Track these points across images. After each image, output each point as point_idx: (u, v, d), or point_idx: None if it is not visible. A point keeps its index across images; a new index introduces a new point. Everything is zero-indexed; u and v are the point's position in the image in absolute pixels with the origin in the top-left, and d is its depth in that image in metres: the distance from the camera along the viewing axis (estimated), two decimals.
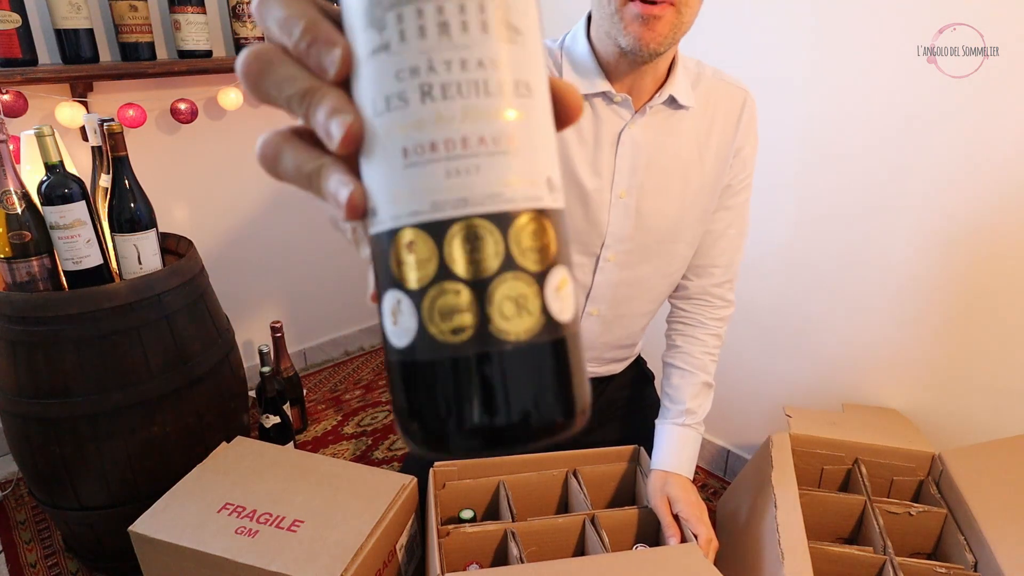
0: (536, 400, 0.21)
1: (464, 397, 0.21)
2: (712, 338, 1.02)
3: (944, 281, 1.27)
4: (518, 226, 0.21)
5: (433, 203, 0.21)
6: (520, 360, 0.21)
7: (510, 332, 0.21)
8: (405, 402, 0.23)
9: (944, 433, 1.32)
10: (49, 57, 1.50)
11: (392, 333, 0.22)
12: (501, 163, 0.21)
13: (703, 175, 0.90)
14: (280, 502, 1.04)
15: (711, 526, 0.92)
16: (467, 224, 0.21)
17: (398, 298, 0.22)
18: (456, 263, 0.21)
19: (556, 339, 0.22)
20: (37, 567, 1.45)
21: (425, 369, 0.22)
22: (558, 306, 0.22)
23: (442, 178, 0.21)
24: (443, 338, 0.21)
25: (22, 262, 1.16)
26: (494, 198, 0.21)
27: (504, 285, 0.21)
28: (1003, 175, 1.15)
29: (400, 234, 0.21)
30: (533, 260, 0.21)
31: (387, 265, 0.22)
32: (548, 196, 0.22)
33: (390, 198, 0.21)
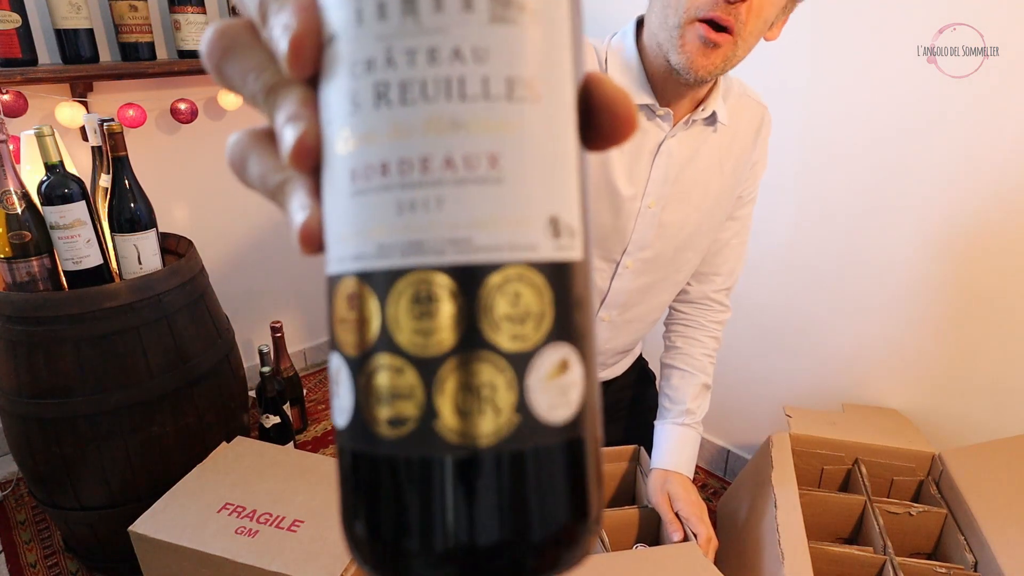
0: (501, 533, 0.16)
1: (396, 510, 0.16)
2: (711, 340, 1.02)
3: (944, 281, 1.27)
4: (490, 286, 0.15)
5: (379, 246, 0.16)
6: (477, 475, 0.15)
7: (466, 434, 0.15)
8: (343, 499, 0.18)
9: (944, 433, 1.32)
10: (49, 57, 1.49)
11: (334, 407, 0.18)
12: (474, 196, 0.15)
13: (722, 187, 0.90)
14: (280, 502, 1.04)
15: (711, 525, 0.92)
16: (418, 278, 0.15)
17: (337, 364, 0.17)
18: (400, 330, 0.15)
19: (539, 448, 0.16)
20: (37, 567, 1.45)
21: (356, 462, 0.17)
22: (547, 401, 0.16)
23: (392, 213, 0.15)
24: (377, 428, 0.16)
25: (22, 262, 1.16)
26: (458, 245, 0.15)
27: (462, 369, 0.15)
28: (1003, 175, 1.15)
29: (341, 282, 0.17)
30: (510, 336, 0.15)
31: (329, 319, 0.17)
32: (548, 244, 0.16)
33: (336, 234, 0.17)
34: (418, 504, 0.16)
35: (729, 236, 0.97)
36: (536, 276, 0.16)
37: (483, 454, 0.15)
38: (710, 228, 0.94)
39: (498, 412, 0.15)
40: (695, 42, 0.69)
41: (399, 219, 0.15)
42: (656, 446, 1.01)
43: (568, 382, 0.16)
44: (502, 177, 0.16)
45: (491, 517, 0.16)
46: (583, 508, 0.17)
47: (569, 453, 0.17)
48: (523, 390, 0.16)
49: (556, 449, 0.16)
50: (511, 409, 0.15)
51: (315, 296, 2.28)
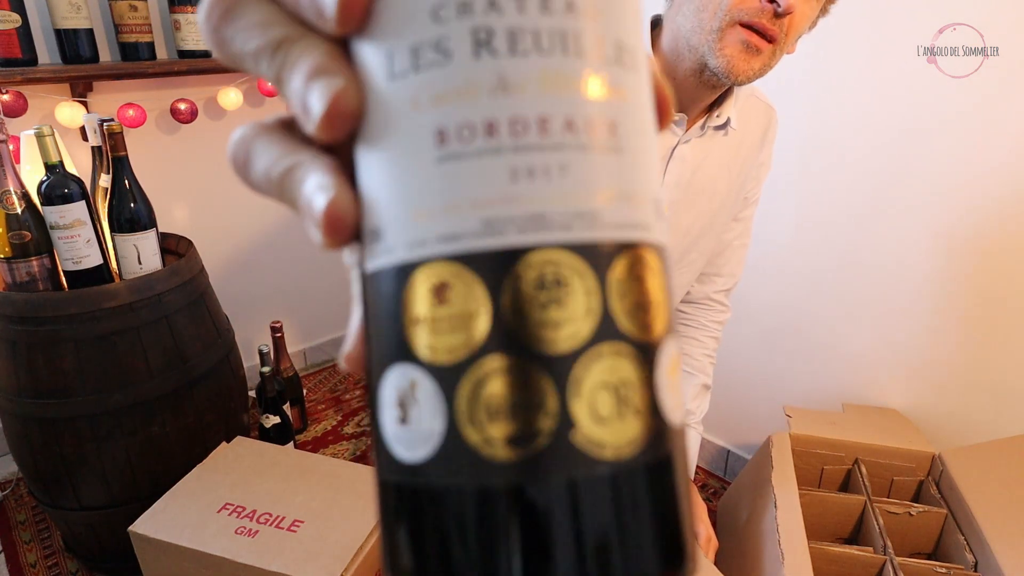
0: (638, 556, 0.13)
1: (525, 557, 0.13)
2: (711, 340, 1.02)
3: (944, 281, 1.27)
4: (623, 268, 0.13)
5: (486, 221, 0.13)
6: (628, 491, 0.13)
7: (607, 444, 0.13)
8: (411, 560, 0.14)
9: (944, 433, 1.32)
10: (49, 57, 1.49)
11: (396, 438, 0.14)
12: (599, 165, 0.13)
13: (729, 189, 0.90)
14: (280, 502, 1.04)
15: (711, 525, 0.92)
16: (543, 258, 0.13)
17: (412, 379, 0.14)
18: (521, 323, 0.13)
19: (671, 455, 0.14)
20: (37, 567, 1.45)
21: (455, 504, 0.13)
22: (671, 400, 0.14)
23: (503, 180, 0.13)
24: (491, 452, 0.13)
25: (22, 262, 1.16)
26: (585, 219, 0.13)
27: (600, 364, 0.13)
28: (1003, 175, 1.15)
29: (422, 271, 0.13)
30: (643, 325, 0.14)
31: (395, 323, 0.14)
32: (656, 225, 0.15)
33: (408, 211, 0.14)
34: (555, 544, 0.13)
35: (732, 237, 0.97)
36: (656, 258, 0.14)
37: (629, 465, 0.13)
38: (716, 230, 0.93)
39: (638, 414, 0.13)
40: (736, 45, 0.68)
41: (513, 188, 0.13)
42: None
43: (680, 379, 0.15)
44: (621, 147, 0.14)
45: (642, 545, 0.13)
46: (691, 530, 0.15)
47: (683, 463, 0.15)
48: (655, 387, 0.14)
49: (675, 458, 0.14)
50: (647, 410, 0.13)
51: (315, 296, 2.28)
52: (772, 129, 0.91)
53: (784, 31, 0.67)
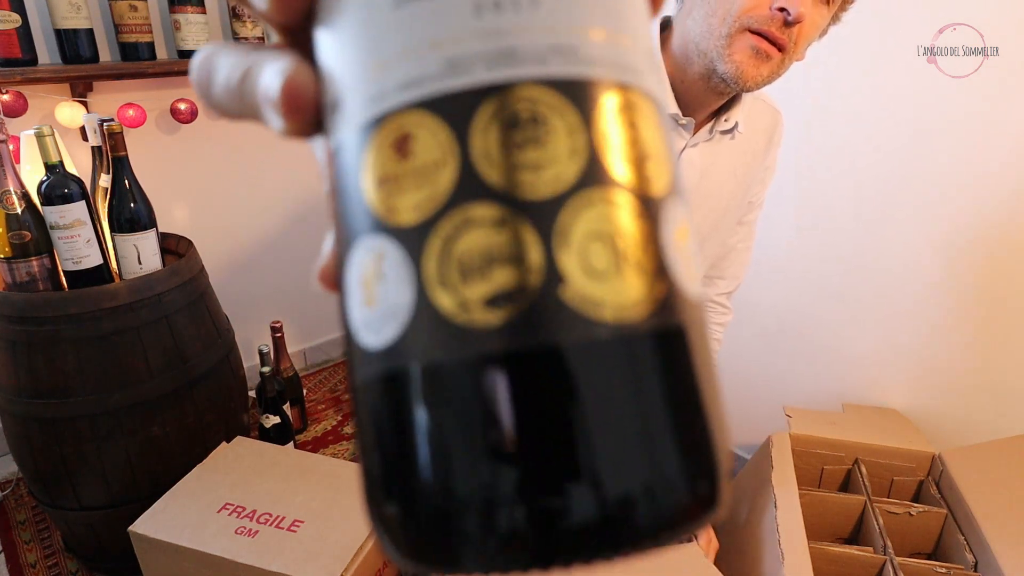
0: (657, 454, 0.11)
1: (513, 452, 0.11)
2: (713, 343, 1.02)
3: (944, 281, 1.27)
4: (612, 108, 0.12)
5: (451, 60, 0.12)
6: (630, 367, 0.11)
7: (606, 303, 0.11)
8: (380, 463, 0.12)
9: (944, 433, 1.32)
10: (49, 57, 1.49)
11: (364, 323, 0.12)
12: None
13: (735, 193, 0.90)
14: (280, 502, 1.04)
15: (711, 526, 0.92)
16: (517, 94, 0.11)
17: (377, 251, 0.12)
18: (495, 167, 0.11)
19: (687, 326, 0.12)
20: (37, 567, 1.45)
21: (427, 389, 0.11)
22: (684, 265, 0.12)
23: (467, 14, 0.12)
24: (467, 317, 0.11)
25: (22, 262, 1.16)
26: (564, 53, 0.12)
27: (591, 211, 0.11)
28: (1003, 176, 1.15)
29: (381, 126, 0.12)
30: (640, 175, 0.12)
31: (359, 191, 0.13)
32: (651, 75, 0.13)
33: (366, 67, 0.12)
34: (540, 420, 0.11)
35: (736, 241, 0.97)
36: (651, 106, 0.13)
37: (633, 330, 0.11)
38: (721, 234, 0.93)
39: (642, 272, 0.11)
40: (746, 51, 0.68)
41: (479, 22, 0.12)
42: None
43: (692, 247, 0.13)
44: None
45: (648, 429, 0.11)
46: (725, 428, 0.13)
47: (704, 344, 0.13)
48: (662, 246, 0.12)
49: (699, 330, 0.12)
50: (655, 270, 0.12)
51: (315, 296, 2.28)
52: (778, 132, 0.91)
53: (793, 40, 0.67)
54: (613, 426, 0.11)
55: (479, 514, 0.11)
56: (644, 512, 0.11)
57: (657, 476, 0.11)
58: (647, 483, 0.11)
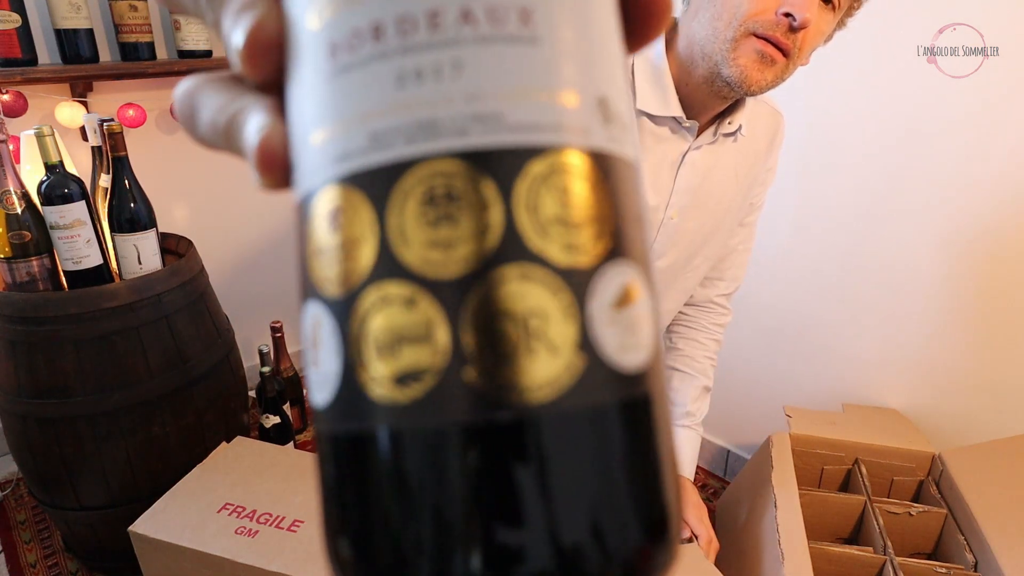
0: (573, 529, 0.11)
1: (409, 511, 0.11)
2: (712, 342, 1.02)
3: (944, 281, 1.27)
4: (534, 176, 0.11)
5: (373, 134, 0.12)
6: (528, 446, 0.11)
7: (510, 385, 0.11)
8: (326, 509, 0.14)
9: (944, 433, 1.32)
10: (49, 57, 1.49)
11: (312, 381, 0.13)
12: (503, 57, 0.12)
13: (736, 195, 0.90)
14: (280, 502, 1.04)
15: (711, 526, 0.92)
16: (432, 169, 0.11)
17: (315, 318, 0.13)
18: (408, 245, 0.11)
19: (611, 404, 0.12)
20: (37, 567, 1.45)
21: (346, 448, 0.12)
22: (617, 338, 0.12)
23: (391, 87, 0.12)
24: (379, 392, 0.11)
25: (22, 262, 1.16)
26: (486, 122, 0.11)
27: (502, 290, 0.11)
28: (1003, 175, 1.15)
29: (319, 197, 0.12)
30: (563, 245, 0.11)
31: (302, 257, 0.13)
32: (600, 131, 0.12)
33: (308, 136, 0.13)
34: (441, 497, 0.11)
35: (736, 242, 0.97)
36: (591, 168, 0.12)
37: (537, 414, 0.11)
38: (723, 235, 0.93)
39: (554, 351, 0.11)
40: (751, 55, 0.67)
41: (400, 94, 0.11)
42: None
43: (637, 315, 0.12)
44: (537, 37, 0.12)
45: (547, 511, 0.11)
46: (665, 498, 0.12)
47: (645, 415, 0.12)
48: (586, 321, 0.11)
49: (632, 407, 0.12)
50: (571, 347, 0.11)
51: None
52: (780, 134, 0.91)
53: (798, 45, 0.67)
54: (505, 504, 0.11)
55: (395, 563, 0.12)
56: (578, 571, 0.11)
57: (582, 539, 0.11)
58: (573, 545, 0.11)
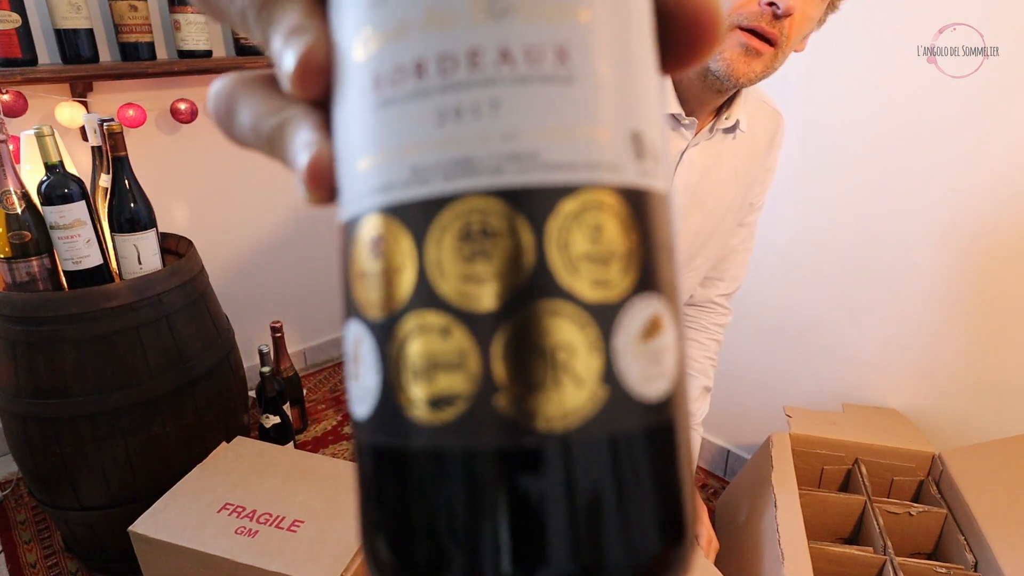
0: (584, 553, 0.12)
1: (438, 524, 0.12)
2: (712, 343, 1.02)
3: (944, 280, 1.27)
4: (565, 215, 0.12)
5: (413, 169, 0.12)
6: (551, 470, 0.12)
7: (536, 413, 0.12)
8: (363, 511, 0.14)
9: (944, 433, 1.32)
10: (49, 57, 1.49)
11: (352, 394, 0.14)
12: (539, 98, 0.12)
13: (736, 194, 0.90)
14: (280, 502, 1.04)
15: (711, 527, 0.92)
16: (468, 206, 0.12)
17: (357, 336, 0.13)
18: (444, 278, 0.12)
19: (632, 433, 0.12)
20: (37, 567, 1.45)
21: (383, 461, 0.13)
22: (640, 370, 0.12)
23: (431, 124, 0.12)
24: (414, 413, 0.12)
25: (22, 262, 1.16)
26: (521, 161, 0.12)
27: (531, 325, 0.12)
28: (1003, 176, 1.15)
29: (361, 225, 0.13)
30: (592, 281, 0.12)
31: (345, 279, 0.14)
32: (630, 165, 0.13)
33: (353, 164, 0.13)
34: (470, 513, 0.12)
35: (736, 242, 0.97)
36: (621, 204, 0.12)
37: (559, 440, 0.12)
38: (723, 235, 0.93)
39: (579, 383, 0.12)
40: (736, 49, 0.68)
41: (440, 131, 0.12)
42: None
43: (662, 346, 0.13)
44: (573, 76, 0.12)
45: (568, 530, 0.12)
46: (681, 520, 0.13)
47: (665, 443, 0.13)
48: (610, 354, 0.12)
49: (651, 436, 0.13)
50: (596, 379, 0.12)
51: (315, 296, 2.28)
52: (779, 135, 0.91)
53: (785, 33, 0.67)
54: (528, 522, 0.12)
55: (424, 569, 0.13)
56: None
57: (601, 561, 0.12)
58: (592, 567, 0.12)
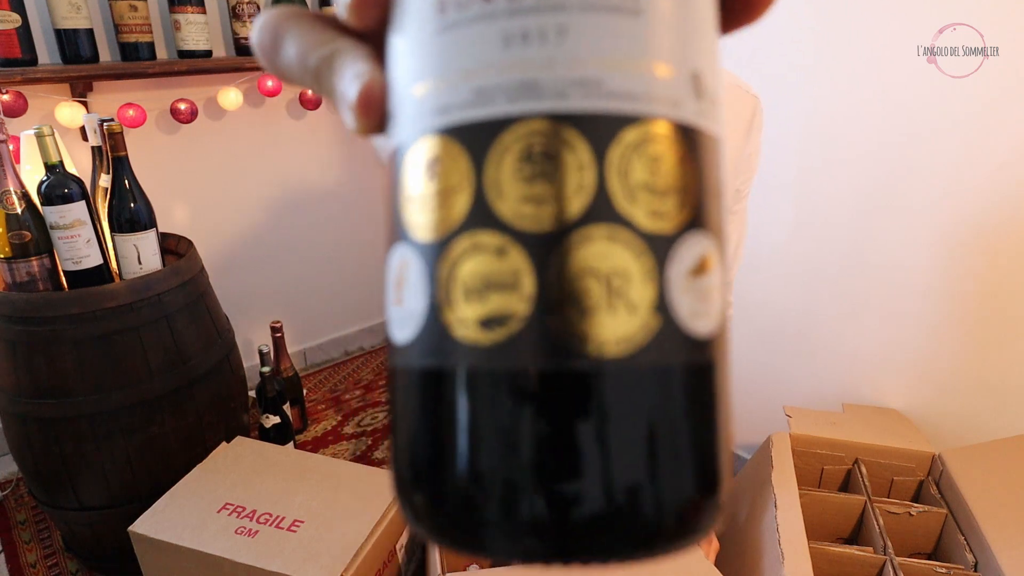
0: (631, 478, 0.12)
1: (496, 453, 0.12)
2: None
3: (944, 280, 1.27)
4: (627, 143, 0.12)
5: (477, 90, 0.12)
6: (603, 395, 0.12)
7: (589, 337, 0.12)
8: (402, 443, 0.14)
9: (944, 433, 1.32)
10: (49, 57, 1.49)
11: (392, 319, 0.14)
12: (606, 27, 0.12)
13: None
14: (280, 502, 1.04)
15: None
16: (531, 128, 0.12)
17: (404, 259, 0.13)
18: (503, 198, 0.12)
19: (679, 366, 0.13)
20: (37, 567, 1.45)
21: (428, 383, 0.13)
22: (690, 305, 0.13)
23: (497, 47, 0.12)
24: (465, 333, 0.12)
25: (22, 262, 1.16)
26: (586, 87, 0.12)
27: (588, 248, 0.12)
28: (1003, 175, 1.15)
29: (417, 146, 0.13)
30: (649, 211, 0.12)
31: (395, 202, 0.14)
32: (691, 104, 0.13)
33: (410, 87, 0.13)
34: (512, 435, 0.12)
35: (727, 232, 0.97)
36: (680, 139, 0.13)
37: (609, 365, 0.12)
38: None
39: (632, 310, 0.12)
40: None
41: (506, 54, 0.12)
42: None
43: (710, 284, 0.13)
44: (640, 8, 0.12)
45: (610, 459, 0.12)
46: (719, 461, 0.13)
47: (710, 381, 0.13)
48: (663, 284, 0.12)
49: (697, 372, 0.13)
50: (649, 308, 0.12)
51: (315, 296, 2.28)
52: (758, 117, 0.91)
53: None
54: (572, 448, 0.12)
55: (473, 503, 0.12)
56: (627, 522, 0.12)
57: (638, 488, 0.12)
58: (628, 498, 0.12)
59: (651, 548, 0.12)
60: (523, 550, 0.12)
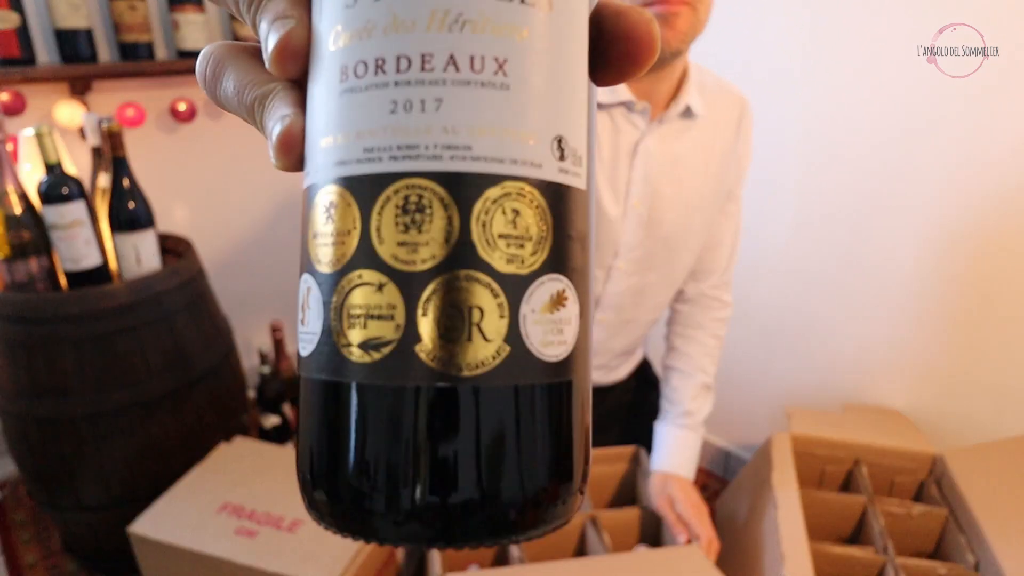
0: (478, 479, 0.14)
1: (363, 450, 0.15)
2: (711, 339, 1.02)
3: (945, 281, 1.27)
4: (488, 199, 0.14)
5: (367, 149, 0.15)
6: (457, 409, 0.14)
7: (449, 361, 0.14)
8: (303, 447, 0.16)
9: (945, 433, 1.32)
10: (48, 56, 1.49)
11: (299, 337, 0.16)
12: (477, 100, 0.14)
13: (707, 183, 0.90)
14: (280, 502, 1.04)
15: (712, 527, 0.92)
16: (408, 184, 0.14)
17: (307, 286, 0.16)
18: (383, 242, 0.14)
19: (528, 385, 0.15)
20: (37, 567, 1.45)
21: (319, 393, 0.15)
22: (541, 334, 0.15)
23: (384, 112, 0.14)
24: (349, 353, 0.14)
25: (21, 262, 1.15)
26: (456, 151, 0.14)
27: (450, 288, 0.14)
28: (1003, 175, 1.15)
29: (320, 192, 0.15)
30: (506, 257, 0.14)
31: (304, 236, 0.16)
32: (552, 165, 0.15)
33: (319, 140, 0.16)
34: (388, 441, 0.14)
35: (721, 232, 0.97)
36: (538, 196, 0.15)
37: (465, 385, 0.14)
38: (701, 226, 0.93)
39: (487, 339, 0.14)
40: None
41: (391, 119, 0.14)
42: (655, 448, 1.01)
43: (563, 317, 0.15)
44: (509, 84, 0.14)
45: (469, 460, 0.14)
46: (570, 462, 0.16)
47: (560, 397, 0.16)
48: (516, 318, 0.14)
49: (547, 390, 0.15)
50: (501, 337, 0.14)
51: None
52: (746, 119, 0.91)
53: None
54: (441, 449, 0.14)
55: (359, 499, 0.15)
56: (475, 515, 0.14)
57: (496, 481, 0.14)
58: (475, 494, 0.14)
59: (514, 530, 0.15)
60: (408, 535, 0.14)
